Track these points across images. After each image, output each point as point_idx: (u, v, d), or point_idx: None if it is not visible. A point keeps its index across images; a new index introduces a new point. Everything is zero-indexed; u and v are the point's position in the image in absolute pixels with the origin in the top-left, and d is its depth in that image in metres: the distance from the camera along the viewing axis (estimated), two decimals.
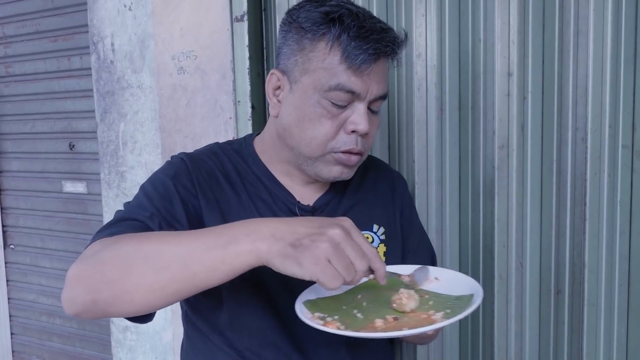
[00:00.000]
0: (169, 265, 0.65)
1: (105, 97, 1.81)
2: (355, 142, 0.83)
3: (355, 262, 0.63)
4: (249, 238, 0.63)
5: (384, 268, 0.67)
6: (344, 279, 0.62)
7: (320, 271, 0.60)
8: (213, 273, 0.65)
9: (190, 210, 0.82)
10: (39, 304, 2.34)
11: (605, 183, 1.16)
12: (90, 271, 0.68)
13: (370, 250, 0.65)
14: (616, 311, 1.18)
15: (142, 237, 0.70)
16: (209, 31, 1.49)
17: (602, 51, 1.13)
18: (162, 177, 0.84)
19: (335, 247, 0.61)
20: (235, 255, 0.63)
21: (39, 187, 2.26)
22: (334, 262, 0.61)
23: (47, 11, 2.08)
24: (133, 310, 0.68)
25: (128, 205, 0.82)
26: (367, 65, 0.79)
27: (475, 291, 0.74)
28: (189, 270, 0.65)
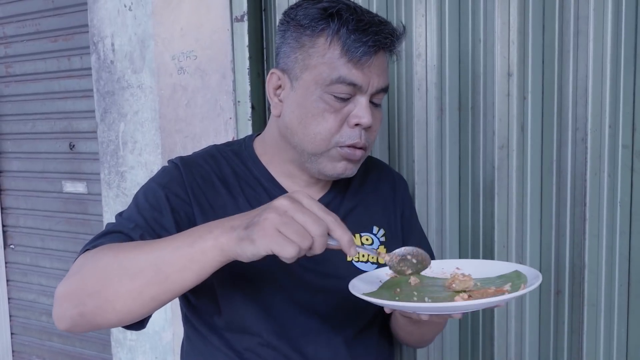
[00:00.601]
0: (142, 270, 0.67)
1: (105, 97, 1.81)
2: (359, 135, 0.83)
3: (307, 226, 0.61)
4: (212, 234, 0.65)
5: (348, 236, 0.64)
6: (299, 246, 0.60)
7: (271, 241, 0.60)
8: (184, 273, 0.66)
9: (182, 219, 0.83)
10: (39, 304, 2.34)
11: (605, 183, 1.16)
12: (74, 286, 0.70)
13: (328, 217, 0.63)
14: (616, 311, 1.18)
15: (119, 247, 0.72)
16: (209, 31, 1.49)
17: (602, 51, 1.13)
18: (154, 186, 0.85)
19: (281, 215, 0.61)
20: (202, 253, 0.65)
21: (39, 187, 2.26)
22: (283, 229, 0.60)
23: (48, 11, 2.08)
24: (117, 318, 0.70)
25: (119, 217, 0.83)
26: (367, 58, 0.79)
27: (516, 268, 0.77)
28: (162, 273, 0.66)
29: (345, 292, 0.87)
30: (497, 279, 0.78)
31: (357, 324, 0.91)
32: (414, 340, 1.01)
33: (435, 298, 0.72)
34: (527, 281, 0.73)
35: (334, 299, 0.87)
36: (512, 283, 0.73)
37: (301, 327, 0.86)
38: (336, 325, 0.88)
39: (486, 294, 0.70)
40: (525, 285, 0.70)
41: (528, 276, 0.75)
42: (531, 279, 0.73)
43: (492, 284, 0.76)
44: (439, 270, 0.83)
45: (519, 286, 0.71)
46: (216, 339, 0.87)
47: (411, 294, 0.74)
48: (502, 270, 0.79)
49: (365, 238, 0.93)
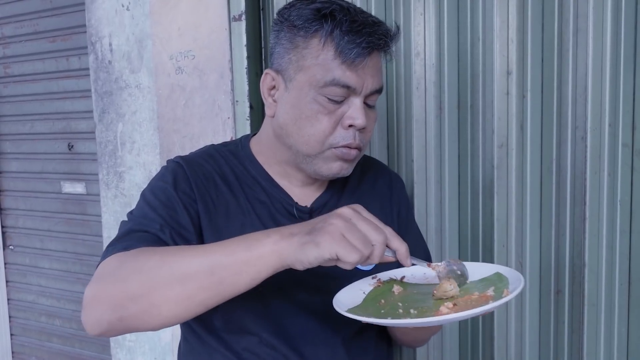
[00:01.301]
0: (194, 274, 0.66)
1: (103, 98, 1.81)
2: (353, 136, 0.83)
3: (369, 234, 0.64)
4: (271, 239, 0.66)
5: (406, 246, 0.67)
6: (361, 252, 0.63)
7: (337, 245, 0.62)
8: (239, 277, 0.66)
9: (193, 216, 0.82)
10: (39, 305, 2.34)
11: (605, 182, 1.15)
12: (112, 289, 0.69)
13: (385, 226, 0.67)
14: (616, 311, 1.18)
15: (163, 250, 0.70)
16: (207, 31, 1.49)
17: (602, 49, 1.12)
18: (163, 185, 0.84)
19: (346, 222, 0.64)
20: (259, 257, 0.65)
21: (38, 187, 2.26)
22: (348, 235, 0.63)
23: (46, 11, 2.07)
24: (160, 323, 0.69)
25: (132, 217, 0.82)
26: (361, 59, 0.79)
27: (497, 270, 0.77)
28: (215, 276, 0.66)
29: None
30: (479, 282, 0.77)
31: (356, 324, 0.90)
32: (409, 341, 1.00)
33: (421, 308, 0.71)
34: (509, 284, 0.72)
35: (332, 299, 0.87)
36: (494, 287, 0.72)
37: (299, 327, 0.86)
38: (334, 326, 0.87)
39: (470, 300, 0.70)
40: (508, 291, 0.69)
41: (510, 278, 0.74)
42: (513, 282, 0.72)
43: (475, 288, 0.75)
44: (420, 275, 0.82)
45: (502, 290, 0.70)
46: (214, 340, 0.86)
47: (396, 305, 0.73)
48: (483, 272, 0.79)
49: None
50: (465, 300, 0.70)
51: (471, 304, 0.68)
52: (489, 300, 0.68)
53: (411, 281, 0.82)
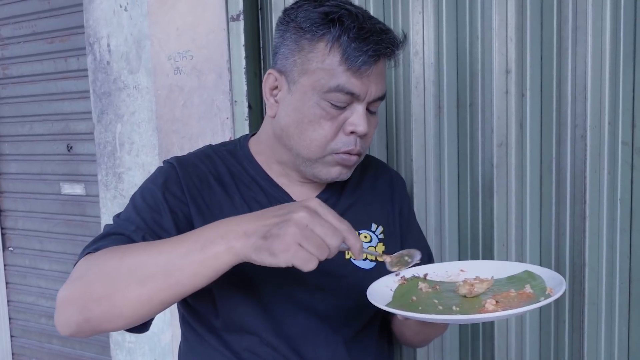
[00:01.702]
0: (152, 275, 0.67)
1: (101, 98, 1.80)
2: (354, 143, 0.83)
3: (326, 239, 0.63)
4: (224, 239, 0.65)
5: (360, 243, 0.66)
6: (318, 258, 0.62)
7: (293, 256, 0.61)
8: (195, 278, 0.66)
9: (180, 219, 0.82)
10: (39, 306, 2.33)
11: (605, 180, 1.15)
12: (78, 291, 0.70)
13: (343, 225, 0.65)
14: (617, 310, 1.17)
15: (123, 250, 0.71)
16: (205, 31, 1.48)
17: (601, 47, 1.12)
18: (151, 187, 0.84)
19: (303, 229, 0.62)
20: (214, 257, 0.65)
21: (37, 189, 2.25)
22: (305, 244, 0.62)
23: (44, 12, 2.07)
24: (124, 323, 0.70)
25: (117, 219, 0.83)
26: (367, 67, 0.79)
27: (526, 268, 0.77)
28: (172, 278, 0.66)
29: (344, 290, 0.87)
30: (507, 280, 0.76)
31: (357, 323, 0.90)
32: (419, 340, 1.00)
33: (461, 306, 0.70)
34: (545, 282, 0.72)
35: (333, 298, 0.87)
36: (530, 285, 0.72)
37: (300, 327, 0.86)
38: (335, 325, 0.87)
39: (509, 297, 0.69)
40: (551, 289, 0.69)
41: (543, 276, 0.74)
42: (548, 280, 0.72)
43: (505, 286, 0.74)
44: (442, 273, 0.82)
45: (542, 288, 0.70)
46: (214, 340, 0.86)
47: (432, 303, 0.73)
48: (510, 270, 0.78)
49: (364, 235, 0.93)
50: (504, 297, 0.69)
51: (513, 302, 0.68)
52: (531, 298, 0.68)
53: (434, 278, 0.81)
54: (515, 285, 0.74)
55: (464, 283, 0.74)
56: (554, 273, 0.73)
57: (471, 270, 0.80)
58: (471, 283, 0.73)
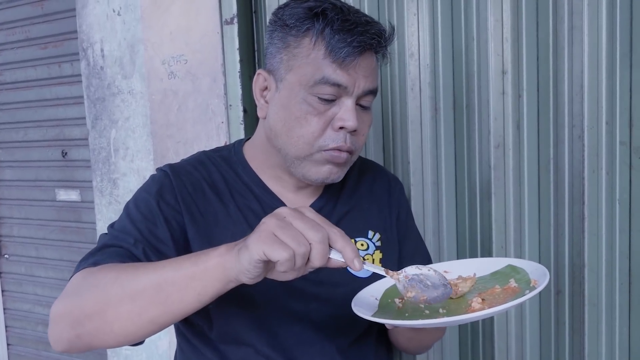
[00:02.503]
0: (143, 290, 0.65)
1: (95, 104, 1.79)
2: (343, 139, 0.80)
3: (305, 232, 0.59)
4: (217, 251, 0.64)
5: (352, 248, 0.61)
6: (292, 250, 0.58)
7: (264, 244, 0.58)
8: (185, 292, 0.64)
9: (175, 229, 0.81)
10: (35, 314, 2.31)
11: (603, 181, 1.14)
12: (72, 307, 0.69)
13: (331, 227, 0.61)
14: (617, 310, 1.17)
15: (121, 268, 0.70)
16: (199, 35, 1.47)
17: (598, 46, 1.11)
18: (145, 196, 0.83)
19: (279, 219, 0.60)
20: (204, 270, 0.63)
21: (33, 195, 2.23)
22: (279, 233, 0.58)
23: (37, 18, 2.05)
24: (115, 341, 0.69)
25: (112, 229, 0.81)
26: (352, 59, 0.77)
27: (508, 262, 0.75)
28: (163, 292, 0.65)
29: (340, 300, 0.85)
30: (491, 276, 0.75)
31: (353, 332, 0.88)
32: (413, 347, 0.98)
33: (448, 308, 0.69)
34: (528, 274, 0.71)
35: (329, 307, 0.85)
36: (514, 279, 0.71)
37: (295, 337, 0.84)
38: (331, 334, 0.85)
39: (494, 294, 0.68)
40: (536, 280, 0.68)
41: (525, 269, 0.73)
42: (532, 272, 0.71)
43: (489, 282, 0.74)
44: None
45: (526, 281, 0.69)
46: (209, 352, 0.85)
47: (418, 308, 0.70)
48: (493, 266, 0.77)
49: (361, 243, 0.91)
50: (490, 294, 0.68)
51: (500, 298, 0.66)
52: (517, 292, 0.66)
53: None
54: (499, 281, 0.73)
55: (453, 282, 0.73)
56: (537, 265, 0.72)
57: (455, 271, 0.78)
58: (455, 283, 0.72)
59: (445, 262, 0.83)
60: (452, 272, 0.78)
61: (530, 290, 0.65)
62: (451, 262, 0.83)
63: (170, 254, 0.79)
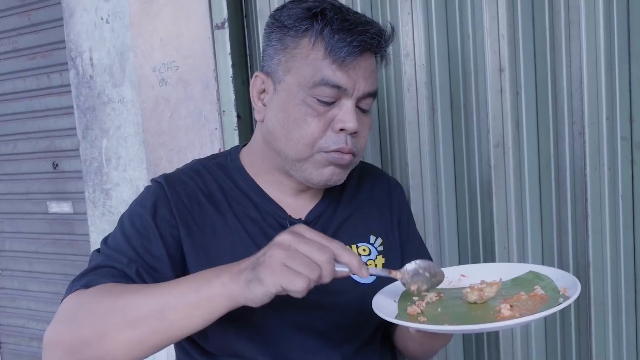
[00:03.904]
0: (145, 317, 0.64)
1: (86, 113, 1.76)
2: (344, 141, 0.78)
3: (312, 255, 0.60)
4: (220, 280, 0.63)
5: (356, 258, 0.62)
6: (307, 277, 0.59)
7: (279, 277, 0.59)
8: (190, 320, 0.64)
9: (170, 244, 0.79)
10: (29, 329, 2.27)
11: (605, 177, 1.12)
12: (67, 333, 0.68)
13: (331, 242, 0.62)
14: (624, 310, 1.15)
15: (117, 291, 0.68)
16: (190, 40, 1.45)
17: (595, 41, 1.09)
18: (140, 211, 0.80)
19: (286, 249, 0.60)
20: (209, 299, 0.63)
21: (24, 208, 2.20)
22: (290, 263, 0.59)
23: (24, 28, 2.03)
24: None
25: (105, 247, 0.79)
26: (351, 59, 0.76)
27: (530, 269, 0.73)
28: (166, 320, 0.64)
29: (344, 307, 0.83)
30: (512, 283, 0.73)
31: (357, 340, 0.86)
32: (422, 352, 0.95)
33: (473, 313, 0.66)
34: (553, 281, 0.69)
35: (333, 316, 0.83)
36: (540, 286, 0.69)
37: (298, 346, 0.81)
38: (334, 343, 0.83)
39: (521, 301, 0.65)
40: (566, 290, 0.65)
41: (550, 276, 0.71)
42: (557, 279, 0.69)
43: (512, 288, 0.71)
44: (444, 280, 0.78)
45: (553, 288, 0.66)
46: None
47: (439, 313, 0.68)
48: (513, 272, 0.75)
49: (363, 248, 0.89)
50: (516, 300, 0.65)
51: (529, 305, 0.64)
52: (546, 300, 0.64)
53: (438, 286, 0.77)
54: (523, 287, 0.71)
55: (471, 289, 0.69)
56: (562, 272, 0.70)
57: (472, 275, 0.76)
58: (480, 288, 0.69)
59: (463, 266, 0.80)
60: (470, 276, 0.76)
61: (562, 298, 0.63)
62: (469, 266, 0.81)
63: (166, 271, 0.77)
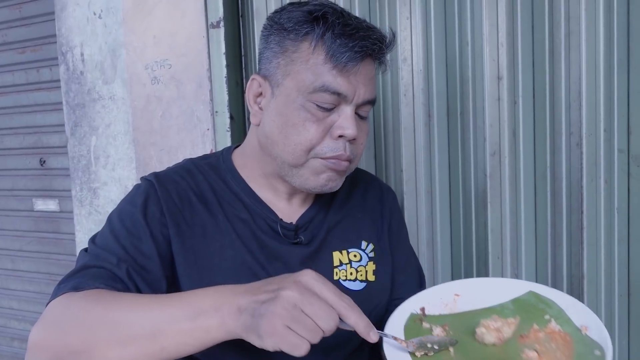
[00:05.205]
0: (136, 338, 0.62)
1: (75, 110, 1.72)
2: (343, 147, 0.77)
3: (318, 320, 0.56)
4: (218, 313, 0.60)
5: (365, 321, 0.59)
6: (309, 343, 0.56)
7: (280, 341, 0.55)
8: (182, 347, 0.61)
9: (161, 243, 0.77)
10: (10, 329, 2.22)
11: (602, 189, 1.11)
12: (54, 339, 0.65)
13: (340, 302, 0.58)
14: (617, 323, 1.14)
15: (107, 300, 0.65)
16: (184, 38, 1.42)
17: (595, 52, 1.08)
18: (130, 209, 0.78)
19: (291, 309, 0.56)
20: (206, 331, 0.60)
21: (9, 205, 2.15)
22: (294, 327, 0.55)
23: (14, 21, 1.99)
24: None
25: (94, 246, 0.76)
26: (353, 64, 0.74)
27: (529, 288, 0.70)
28: (157, 344, 0.61)
29: None
30: (514, 305, 0.70)
31: (347, 347, 0.85)
32: None
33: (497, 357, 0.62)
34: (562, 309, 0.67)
35: None
36: (551, 316, 0.66)
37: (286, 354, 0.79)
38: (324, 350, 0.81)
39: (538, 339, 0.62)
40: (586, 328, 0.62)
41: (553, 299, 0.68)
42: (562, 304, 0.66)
43: (512, 312, 0.67)
44: (437, 301, 0.74)
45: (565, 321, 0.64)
46: None
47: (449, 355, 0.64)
48: (513, 291, 0.72)
49: (353, 254, 0.87)
50: (534, 339, 0.61)
51: (555, 351, 0.60)
52: (570, 343, 0.61)
53: (432, 311, 0.72)
54: (530, 314, 0.67)
55: (486, 329, 0.64)
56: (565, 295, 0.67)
57: (466, 294, 0.73)
58: (497, 328, 0.64)
59: (454, 283, 0.77)
60: (463, 295, 0.73)
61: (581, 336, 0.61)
62: (461, 282, 0.77)
63: (156, 270, 0.75)
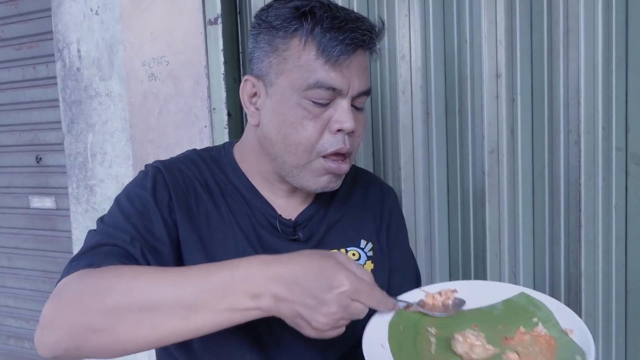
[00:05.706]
0: (168, 319, 0.61)
1: (72, 107, 1.72)
2: (342, 141, 0.77)
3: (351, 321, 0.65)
4: (253, 302, 0.61)
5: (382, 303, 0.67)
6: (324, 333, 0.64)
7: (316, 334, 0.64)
8: (217, 327, 0.63)
9: (171, 227, 0.76)
10: (6, 327, 2.22)
11: (600, 187, 1.11)
12: (73, 317, 0.62)
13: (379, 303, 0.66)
14: (614, 321, 1.14)
15: (129, 277, 0.63)
16: (182, 35, 1.42)
17: (594, 50, 1.08)
18: (140, 191, 0.77)
19: (335, 322, 0.63)
20: (242, 313, 0.62)
21: (5, 202, 2.15)
22: (329, 333, 0.64)
23: (11, 17, 1.98)
24: (120, 355, 0.64)
25: (103, 225, 0.75)
26: (345, 57, 0.74)
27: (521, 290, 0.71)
28: (191, 324, 0.62)
29: None
30: (503, 305, 0.70)
31: (343, 346, 0.85)
32: None
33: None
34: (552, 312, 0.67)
35: None
36: (539, 318, 0.66)
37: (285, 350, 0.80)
38: (321, 347, 0.81)
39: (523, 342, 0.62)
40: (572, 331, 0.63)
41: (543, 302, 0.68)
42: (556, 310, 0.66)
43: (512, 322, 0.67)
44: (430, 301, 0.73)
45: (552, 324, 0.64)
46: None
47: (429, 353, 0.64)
48: (504, 293, 0.72)
49: (352, 253, 0.87)
50: (519, 342, 0.62)
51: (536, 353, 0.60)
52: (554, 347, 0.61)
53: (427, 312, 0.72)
54: (519, 316, 0.67)
55: (462, 339, 0.64)
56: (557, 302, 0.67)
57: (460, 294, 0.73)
58: (471, 343, 0.63)
59: (449, 283, 0.76)
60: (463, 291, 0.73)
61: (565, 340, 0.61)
62: (456, 283, 0.76)
63: (167, 253, 0.75)
